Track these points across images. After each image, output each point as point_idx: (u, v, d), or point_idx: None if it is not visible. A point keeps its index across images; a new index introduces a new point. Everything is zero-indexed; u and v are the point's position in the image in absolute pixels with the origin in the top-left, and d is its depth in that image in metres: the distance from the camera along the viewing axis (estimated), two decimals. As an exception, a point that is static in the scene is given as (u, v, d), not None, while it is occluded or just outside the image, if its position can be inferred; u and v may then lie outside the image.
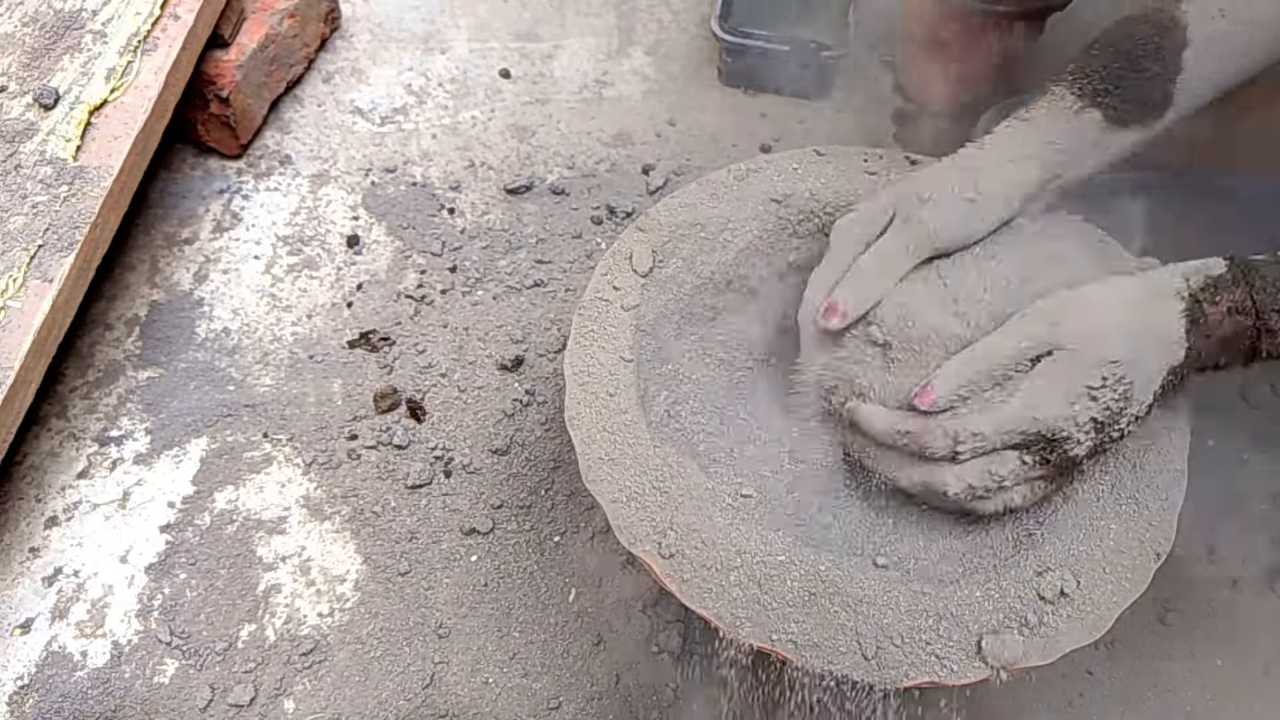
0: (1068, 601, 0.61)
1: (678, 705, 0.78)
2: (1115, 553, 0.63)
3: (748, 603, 0.61)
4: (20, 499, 0.87)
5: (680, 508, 0.64)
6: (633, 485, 0.65)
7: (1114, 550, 0.63)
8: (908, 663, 0.59)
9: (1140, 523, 0.64)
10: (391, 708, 0.78)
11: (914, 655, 0.59)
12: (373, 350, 0.96)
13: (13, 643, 0.80)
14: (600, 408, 0.68)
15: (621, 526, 0.64)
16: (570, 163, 1.10)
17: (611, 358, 0.71)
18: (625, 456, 0.66)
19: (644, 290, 0.75)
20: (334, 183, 1.08)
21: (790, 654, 0.59)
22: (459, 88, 1.17)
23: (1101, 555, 0.63)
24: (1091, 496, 0.66)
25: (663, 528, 0.63)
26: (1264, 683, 0.80)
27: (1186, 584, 0.83)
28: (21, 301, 0.81)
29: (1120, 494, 0.65)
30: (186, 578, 0.83)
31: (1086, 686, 0.79)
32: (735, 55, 1.13)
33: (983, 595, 0.61)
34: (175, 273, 1.01)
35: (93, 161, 0.88)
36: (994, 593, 0.61)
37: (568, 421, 0.68)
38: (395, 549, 0.85)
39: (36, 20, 0.95)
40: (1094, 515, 0.65)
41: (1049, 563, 0.62)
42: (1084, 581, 0.61)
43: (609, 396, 0.69)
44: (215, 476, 0.89)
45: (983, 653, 0.59)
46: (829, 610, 0.60)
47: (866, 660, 0.59)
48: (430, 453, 0.90)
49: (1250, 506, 0.87)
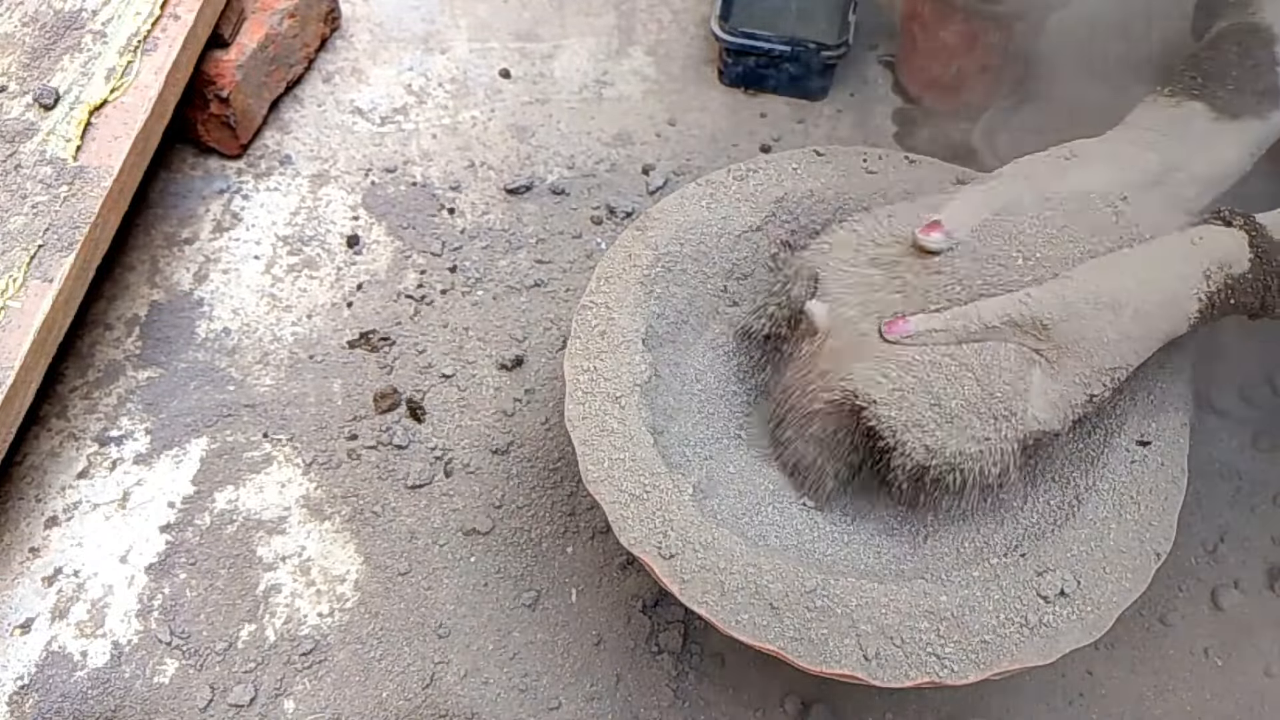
0: (1068, 601, 0.61)
1: (678, 705, 0.78)
2: (1115, 553, 0.63)
3: (747, 604, 0.61)
4: (20, 499, 0.87)
5: (681, 508, 0.64)
6: (632, 486, 0.65)
7: (1114, 550, 0.63)
8: (908, 663, 0.59)
9: (1140, 523, 0.64)
10: (391, 708, 0.78)
11: (914, 655, 0.59)
12: (373, 350, 0.96)
13: (13, 643, 0.80)
14: (600, 409, 0.69)
15: (622, 527, 0.64)
16: (570, 163, 1.10)
17: (611, 360, 0.71)
18: (625, 457, 0.66)
19: (644, 291, 0.75)
20: (334, 183, 1.08)
21: (790, 655, 0.59)
22: (459, 88, 1.17)
23: (1102, 555, 0.63)
24: (1091, 496, 0.66)
25: (663, 528, 0.63)
26: (1264, 683, 0.80)
27: (1186, 584, 0.83)
28: (21, 301, 0.81)
29: (1120, 494, 0.65)
30: (186, 578, 0.83)
31: (1086, 686, 0.79)
32: (735, 55, 1.13)
33: (983, 595, 0.61)
34: (175, 273, 1.01)
35: (93, 161, 0.88)
36: (994, 593, 0.62)
37: (568, 423, 0.68)
38: (395, 549, 0.85)
39: (36, 20, 0.95)
40: (1094, 515, 0.65)
41: (1049, 563, 0.62)
42: (1084, 581, 0.62)
43: (609, 398, 0.69)
44: (215, 476, 0.89)
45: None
46: (828, 610, 0.60)
47: (867, 661, 0.59)
48: (430, 453, 0.90)
49: (1250, 506, 0.87)
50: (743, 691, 0.78)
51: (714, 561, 0.62)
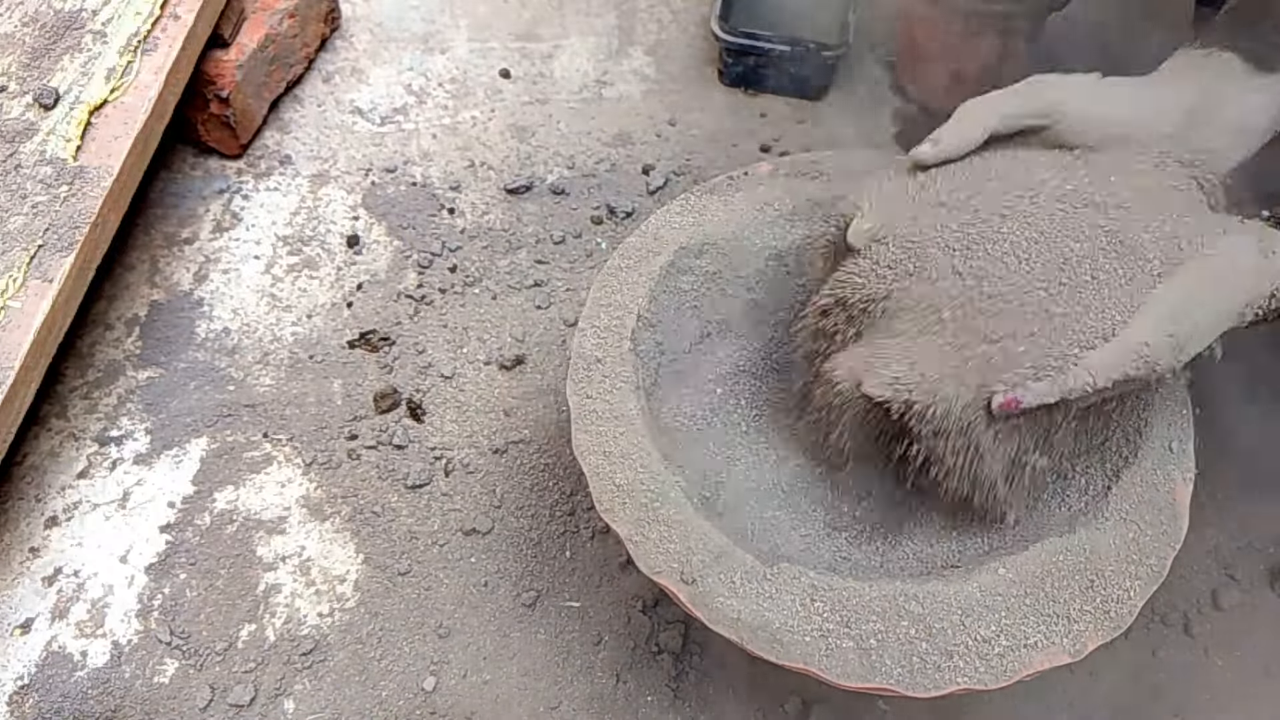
0: (1092, 596, 0.60)
1: (678, 705, 0.78)
2: (1134, 544, 0.62)
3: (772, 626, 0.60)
4: (20, 499, 0.87)
5: (698, 532, 0.63)
6: (646, 512, 0.64)
7: (1134, 541, 0.62)
8: (941, 671, 0.58)
9: (1153, 510, 0.64)
10: (391, 708, 0.78)
11: (946, 663, 0.58)
12: (373, 350, 0.96)
13: (13, 643, 0.80)
14: (608, 434, 0.67)
15: (640, 555, 0.63)
16: (570, 163, 1.10)
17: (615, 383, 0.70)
18: (637, 482, 0.65)
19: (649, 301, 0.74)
20: (334, 183, 1.08)
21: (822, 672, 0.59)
22: (459, 88, 1.17)
23: (1121, 547, 0.62)
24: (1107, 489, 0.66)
25: (683, 553, 0.63)
26: (1264, 683, 0.80)
27: (1187, 584, 0.83)
28: (21, 301, 0.81)
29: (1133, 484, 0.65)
30: (186, 578, 0.83)
31: (1087, 686, 0.79)
32: (735, 55, 1.13)
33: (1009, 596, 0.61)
34: (175, 273, 1.01)
35: (93, 161, 0.88)
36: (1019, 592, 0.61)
37: (576, 452, 0.67)
38: (395, 549, 0.85)
39: (36, 20, 0.95)
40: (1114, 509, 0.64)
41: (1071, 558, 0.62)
42: (1105, 575, 0.61)
43: (616, 422, 0.68)
44: (215, 476, 0.89)
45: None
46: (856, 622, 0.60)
47: (900, 673, 0.58)
48: (430, 453, 0.90)
49: (1251, 506, 0.87)
50: (743, 691, 0.78)
51: (736, 583, 0.61)
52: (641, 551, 0.63)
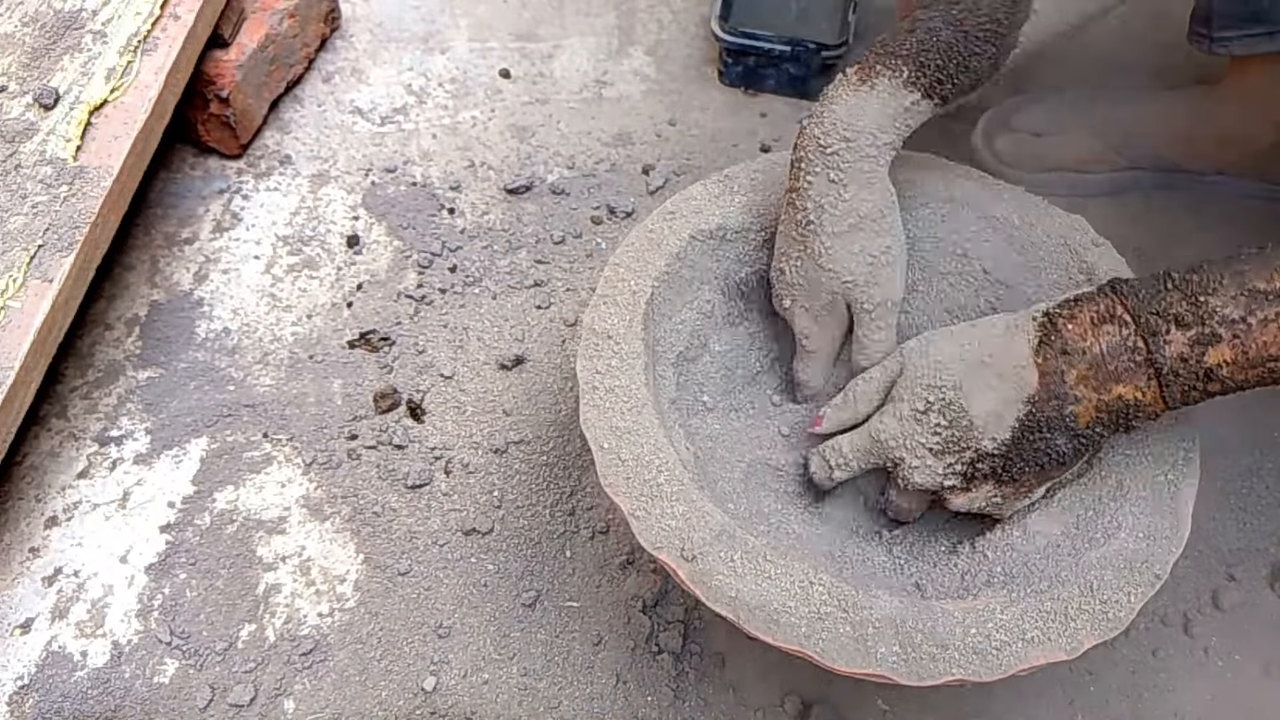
0: (1090, 595, 0.60)
1: (678, 705, 0.78)
2: (1133, 548, 0.62)
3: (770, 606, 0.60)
4: (20, 499, 0.87)
5: (700, 510, 0.63)
6: (649, 489, 0.64)
7: (1131, 546, 0.62)
8: (935, 660, 0.58)
9: (1156, 515, 0.64)
10: (391, 708, 0.78)
11: (941, 652, 0.58)
12: (373, 350, 0.96)
13: (13, 643, 0.80)
14: (615, 410, 0.67)
15: (641, 531, 0.63)
16: (570, 163, 1.10)
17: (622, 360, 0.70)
18: (642, 459, 0.65)
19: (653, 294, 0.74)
20: (334, 183, 1.08)
21: (817, 655, 0.59)
22: (459, 88, 1.17)
23: (1121, 549, 0.62)
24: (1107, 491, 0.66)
25: (684, 531, 0.63)
26: (1264, 683, 0.80)
27: (1187, 584, 0.83)
28: (21, 301, 0.81)
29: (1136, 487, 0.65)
30: (186, 578, 0.83)
31: (1087, 686, 0.79)
32: (735, 55, 1.13)
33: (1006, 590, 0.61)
34: (175, 273, 1.01)
35: (93, 161, 0.88)
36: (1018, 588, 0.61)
37: (584, 425, 0.67)
38: (395, 549, 0.85)
39: (36, 20, 0.95)
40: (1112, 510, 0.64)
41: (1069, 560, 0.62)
42: (1105, 576, 0.61)
43: (622, 398, 0.68)
44: (215, 476, 0.89)
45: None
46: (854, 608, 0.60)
47: (895, 659, 0.58)
48: (430, 453, 0.90)
49: (1251, 506, 0.87)
50: (743, 691, 0.78)
51: (736, 562, 0.61)
52: (643, 527, 0.63)
